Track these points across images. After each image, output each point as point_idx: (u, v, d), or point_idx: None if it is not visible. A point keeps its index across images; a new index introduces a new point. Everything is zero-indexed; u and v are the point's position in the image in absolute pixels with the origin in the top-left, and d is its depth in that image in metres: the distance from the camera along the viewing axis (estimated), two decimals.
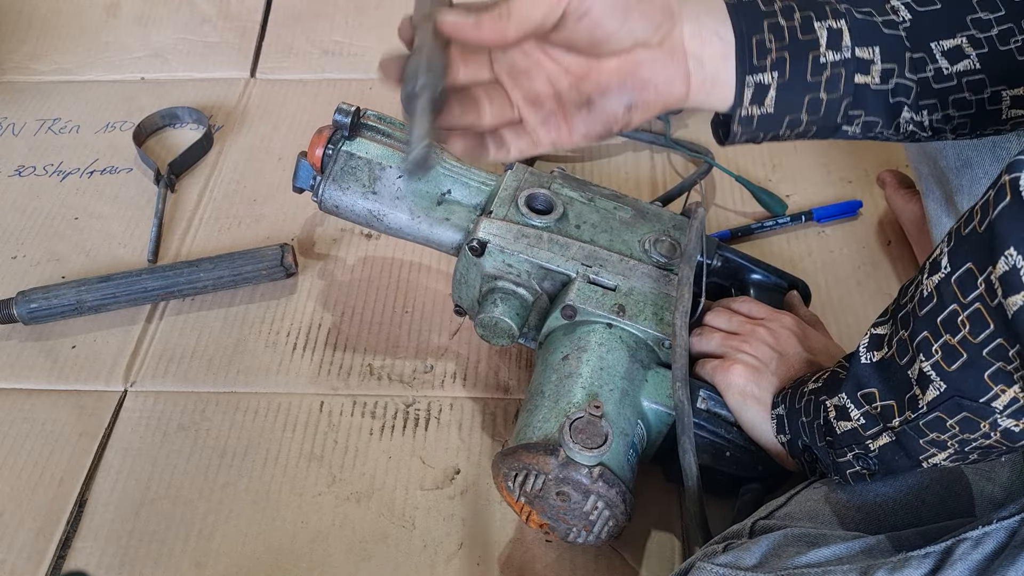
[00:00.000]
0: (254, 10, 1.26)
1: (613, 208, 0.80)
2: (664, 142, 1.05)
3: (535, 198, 0.78)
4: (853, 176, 1.02)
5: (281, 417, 0.83)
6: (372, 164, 0.79)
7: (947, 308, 0.49)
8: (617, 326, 0.72)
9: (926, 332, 0.51)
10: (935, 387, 0.51)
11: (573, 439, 0.63)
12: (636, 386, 0.69)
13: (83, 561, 0.74)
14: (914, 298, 0.52)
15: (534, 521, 0.69)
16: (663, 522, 0.74)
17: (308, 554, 0.74)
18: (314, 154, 0.80)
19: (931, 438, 0.53)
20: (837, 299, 0.90)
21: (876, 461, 0.58)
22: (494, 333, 0.75)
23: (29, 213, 1.01)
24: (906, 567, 0.52)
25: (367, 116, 0.82)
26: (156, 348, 0.88)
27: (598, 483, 0.63)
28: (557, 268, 0.74)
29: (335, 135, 0.80)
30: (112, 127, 1.11)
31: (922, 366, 0.51)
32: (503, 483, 0.68)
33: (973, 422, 0.50)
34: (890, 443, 0.56)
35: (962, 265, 0.48)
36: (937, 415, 0.51)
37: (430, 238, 0.80)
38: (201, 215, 1.01)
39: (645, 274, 0.74)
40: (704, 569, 0.57)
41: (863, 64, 0.56)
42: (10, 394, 0.85)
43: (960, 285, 0.48)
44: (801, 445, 0.64)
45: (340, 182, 0.80)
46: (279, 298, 0.92)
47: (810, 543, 0.57)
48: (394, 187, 0.80)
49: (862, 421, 0.57)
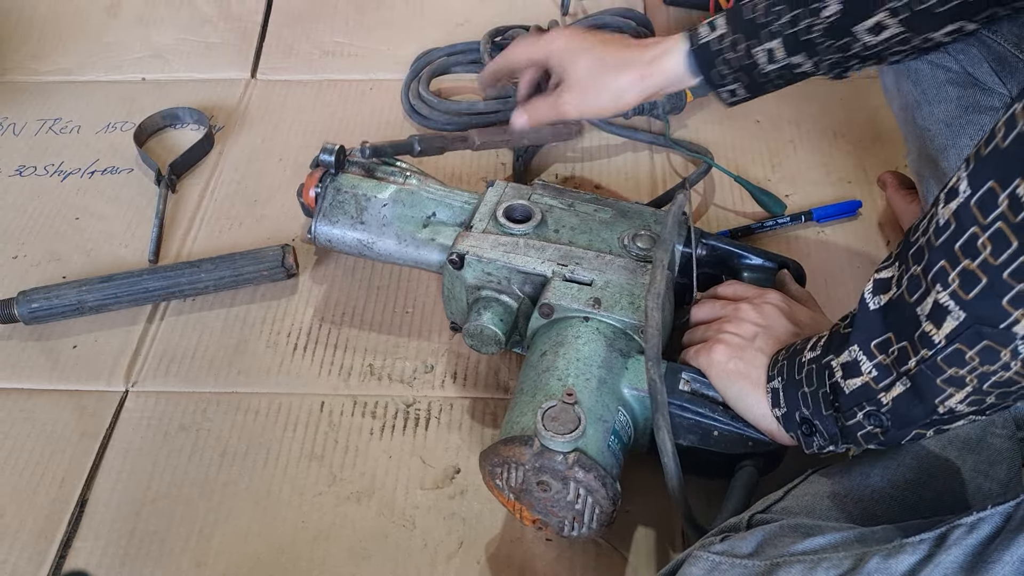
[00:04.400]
0: (255, 11, 1.27)
1: (593, 210, 0.82)
2: (664, 142, 1.05)
3: (513, 209, 0.81)
4: (853, 176, 1.03)
5: (282, 417, 0.83)
6: (358, 196, 0.84)
7: (967, 232, 0.49)
8: (594, 318, 0.73)
9: (943, 261, 0.50)
10: (953, 317, 0.50)
11: (546, 427, 0.64)
12: (615, 374, 0.70)
13: (84, 561, 0.74)
14: (927, 231, 0.52)
15: (527, 518, 0.69)
16: (663, 520, 0.74)
17: (308, 553, 0.74)
18: (308, 195, 0.85)
19: (949, 374, 0.52)
20: (837, 299, 0.90)
21: (889, 416, 0.57)
22: (481, 341, 0.77)
23: (30, 213, 1.01)
24: (901, 553, 0.52)
25: (351, 153, 0.87)
26: (157, 348, 0.88)
27: (574, 469, 0.63)
28: (533, 270, 0.76)
29: (324, 175, 0.85)
30: (113, 127, 1.11)
31: (939, 297, 0.50)
32: (491, 482, 0.69)
33: (993, 351, 0.49)
34: (904, 392, 0.55)
35: (983, 184, 0.48)
36: (956, 347, 0.51)
37: (419, 260, 0.84)
38: (202, 216, 1.01)
39: (622, 267, 0.76)
40: (700, 557, 0.57)
41: (797, 67, 0.74)
42: (11, 394, 0.85)
43: (981, 205, 0.48)
44: (799, 418, 0.64)
45: (330, 216, 0.84)
46: (280, 298, 0.92)
47: (805, 533, 0.57)
48: (381, 215, 0.84)
49: (874, 373, 0.56)
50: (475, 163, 1.05)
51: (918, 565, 0.52)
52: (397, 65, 1.16)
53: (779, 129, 1.08)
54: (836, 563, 0.53)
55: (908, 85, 0.83)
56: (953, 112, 0.79)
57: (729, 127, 1.08)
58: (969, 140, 0.77)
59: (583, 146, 1.07)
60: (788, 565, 0.54)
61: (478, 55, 1.11)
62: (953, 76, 0.79)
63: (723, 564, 0.56)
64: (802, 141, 1.07)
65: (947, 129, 0.79)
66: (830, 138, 1.07)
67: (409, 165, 0.89)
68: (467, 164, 1.05)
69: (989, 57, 0.79)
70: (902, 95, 0.85)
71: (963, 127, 0.78)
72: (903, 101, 0.85)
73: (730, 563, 0.56)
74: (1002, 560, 0.50)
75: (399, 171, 0.87)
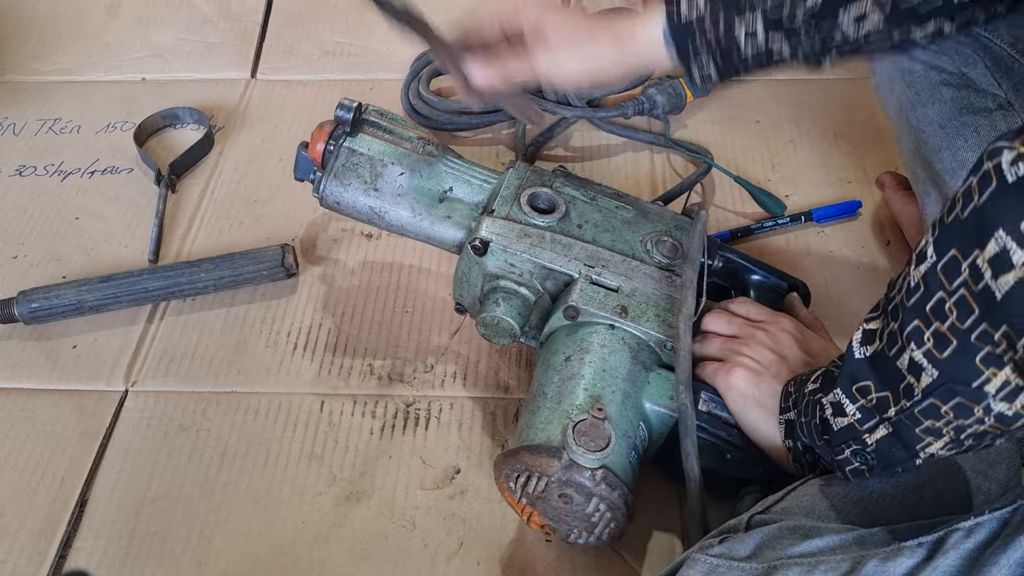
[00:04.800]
0: (255, 11, 1.27)
1: (615, 207, 0.80)
2: (664, 142, 1.05)
3: (537, 197, 0.78)
4: (852, 176, 1.02)
5: (282, 417, 0.83)
6: (374, 160, 0.79)
7: (934, 296, 0.50)
8: (619, 327, 0.72)
9: (917, 321, 0.51)
10: (928, 374, 0.51)
11: (576, 441, 0.63)
12: (638, 388, 0.70)
13: (84, 561, 0.74)
14: (902, 290, 0.53)
15: (535, 522, 0.69)
16: (663, 522, 0.74)
17: (308, 554, 0.74)
18: (315, 149, 0.79)
19: (927, 426, 0.53)
20: (836, 299, 0.90)
21: (874, 456, 0.58)
22: (496, 332, 0.75)
23: (30, 213, 1.01)
24: (898, 557, 0.53)
25: (369, 112, 0.81)
26: (157, 348, 0.88)
27: (601, 486, 0.63)
28: (560, 269, 0.74)
29: (336, 131, 0.79)
30: (113, 127, 1.11)
31: (913, 355, 0.52)
32: (505, 484, 0.68)
33: (967, 407, 0.51)
34: (887, 435, 0.56)
35: (947, 252, 0.49)
36: (932, 402, 0.52)
37: (431, 236, 0.80)
38: (202, 215, 1.01)
39: (647, 275, 0.75)
40: (698, 560, 0.57)
41: (775, 52, 0.68)
42: (11, 394, 0.85)
43: (945, 272, 0.49)
44: (802, 447, 0.65)
45: (341, 178, 0.79)
46: (280, 298, 0.92)
47: (804, 535, 0.57)
48: (396, 184, 0.79)
49: (858, 416, 0.58)
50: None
51: (915, 569, 0.52)
52: (397, 65, 1.16)
53: (779, 129, 1.08)
54: (834, 566, 0.54)
55: (902, 87, 0.83)
56: (947, 113, 0.79)
57: (729, 127, 1.08)
58: (963, 141, 0.77)
59: (583, 146, 1.07)
60: (786, 568, 0.54)
61: None
62: (947, 77, 0.79)
63: (721, 567, 0.57)
64: (802, 141, 1.07)
65: (941, 130, 0.79)
66: (830, 138, 1.07)
67: (427, 134, 0.84)
68: None
69: (985, 57, 0.79)
70: (896, 97, 0.85)
71: (957, 128, 0.78)
72: (897, 103, 0.85)
73: (728, 566, 0.56)
74: (999, 564, 0.50)
75: (417, 136, 0.81)
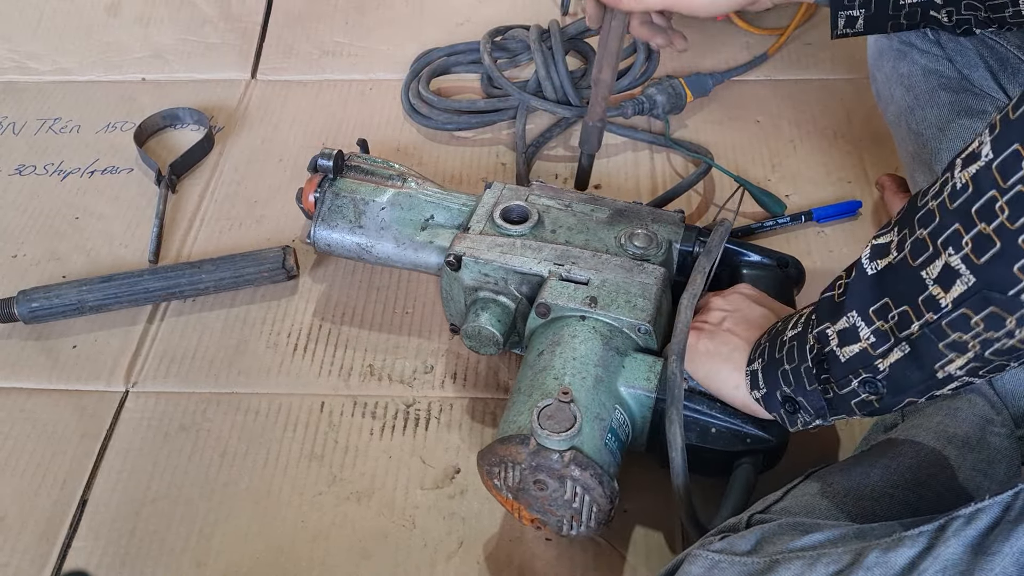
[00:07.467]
0: (255, 11, 1.27)
1: (590, 210, 0.83)
2: (664, 142, 1.05)
3: (510, 210, 0.82)
4: (852, 176, 1.03)
5: (282, 417, 0.83)
6: (356, 200, 0.84)
7: (984, 196, 0.48)
8: (590, 317, 0.73)
9: (957, 224, 0.50)
10: (963, 281, 0.50)
11: (542, 425, 0.64)
12: (612, 372, 0.71)
13: (84, 561, 0.74)
14: (939, 195, 0.51)
15: (525, 517, 0.69)
16: (663, 520, 0.74)
17: (308, 553, 0.74)
18: (308, 200, 0.86)
19: (952, 339, 0.52)
20: None
21: (885, 382, 0.57)
22: (480, 342, 0.77)
23: (30, 212, 1.02)
24: (900, 546, 0.52)
25: (351, 158, 0.87)
26: (157, 349, 0.88)
27: (571, 467, 0.63)
28: (529, 270, 0.77)
29: (323, 180, 0.85)
30: (113, 127, 1.11)
31: (949, 260, 0.50)
32: (489, 481, 0.69)
33: (999, 318, 0.49)
34: (903, 357, 0.55)
35: (1007, 148, 0.47)
36: (962, 312, 0.50)
37: (417, 263, 0.84)
38: (202, 216, 1.01)
39: (618, 266, 0.76)
40: (699, 556, 0.57)
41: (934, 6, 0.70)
42: (11, 393, 0.85)
43: (1002, 169, 0.48)
44: (780, 396, 0.64)
45: (328, 221, 0.85)
46: (280, 299, 0.92)
47: (804, 531, 0.57)
48: (379, 219, 0.84)
49: (872, 339, 0.56)
50: (475, 164, 1.05)
51: (917, 558, 0.52)
52: (397, 65, 1.16)
53: (779, 129, 1.08)
54: (835, 558, 0.53)
55: (901, 91, 0.84)
56: (945, 116, 0.80)
57: (729, 127, 1.08)
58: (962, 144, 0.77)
59: None
60: (787, 562, 0.54)
61: (478, 55, 1.11)
62: (945, 81, 0.80)
63: (722, 562, 0.57)
64: (802, 141, 1.07)
65: (940, 133, 0.80)
66: (830, 138, 1.07)
67: (408, 168, 0.89)
68: (467, 165, 1.05)
69: (990, 59, 0.80)
70: (895, 101, 0.86)
71: (956, 131, 0.79)
72: (896, 108, 0.85)
73: (729, 561, 0.56)
74: (1002, 552, 0.49)
75: (397, 174, 0.87)
